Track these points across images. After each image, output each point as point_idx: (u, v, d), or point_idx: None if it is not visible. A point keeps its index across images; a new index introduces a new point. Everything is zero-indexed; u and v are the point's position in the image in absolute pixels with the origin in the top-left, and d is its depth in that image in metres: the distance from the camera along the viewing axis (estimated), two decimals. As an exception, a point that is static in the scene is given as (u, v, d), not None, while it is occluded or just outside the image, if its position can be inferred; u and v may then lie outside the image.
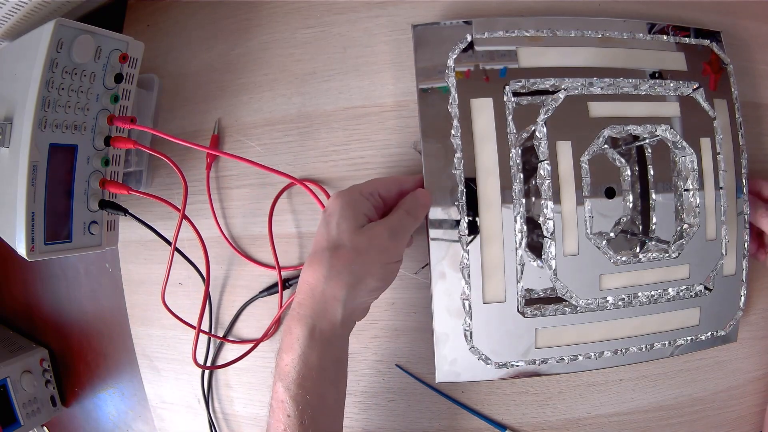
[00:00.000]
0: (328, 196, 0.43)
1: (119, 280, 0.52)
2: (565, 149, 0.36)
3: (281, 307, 0.45)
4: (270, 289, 0.46)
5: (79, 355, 0.56)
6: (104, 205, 0.41)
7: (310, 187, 0.43)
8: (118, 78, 0.40)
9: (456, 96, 0.37)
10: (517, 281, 0.37)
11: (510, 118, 0.37)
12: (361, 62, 0.45)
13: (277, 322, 0.46)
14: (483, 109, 0.37)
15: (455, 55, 0.38)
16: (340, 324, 0.31)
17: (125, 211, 0.42)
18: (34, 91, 0.35)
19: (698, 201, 0.38)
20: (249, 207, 0.47)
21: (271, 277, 0.47)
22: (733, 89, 0.40)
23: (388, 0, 0.45)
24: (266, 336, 0.46)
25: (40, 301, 0.57)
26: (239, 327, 0.48)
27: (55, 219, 0.38)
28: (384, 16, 0.45)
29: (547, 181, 0.36)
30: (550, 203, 0.36)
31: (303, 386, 0.30)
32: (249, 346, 0.45)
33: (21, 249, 0.36)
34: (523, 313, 0.37)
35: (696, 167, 0.38)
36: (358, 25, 0.45)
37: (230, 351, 0.48)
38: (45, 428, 0.58)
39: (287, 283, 0.46)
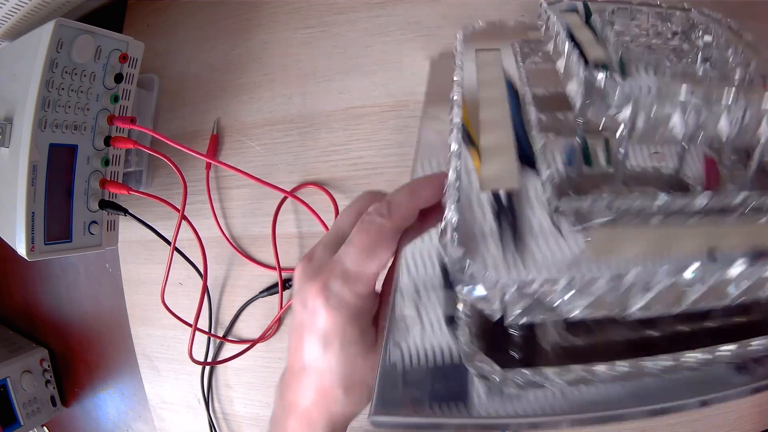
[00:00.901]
0: (330, 196, 0.43)
1: (119, 280, 0.52)
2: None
3: (281, 307, 0.45)
4: (270, 290, 0.46)
5: (79, 355, 0.56)
6: (104, 205, 0.41)
7: (304, 200, 0.43)
8: (118, 78, 0.40)
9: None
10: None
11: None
12: (361, 62, 0.45)
13: (277, 323, 0.46)
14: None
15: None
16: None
17: (125, 211, 0.42)
18: (34, 91, 0.35)
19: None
20: (249, 207, 0.47)
21: (271, 277, 0.47)
22: None
23: (388, 0, 0.44)
24: (264, 337, 0.46)
25: (40, 301, 0.57)
26: (239, 327, 0.48)
27: (55, 219, 0.38)
28: (384, 16, 0.44)
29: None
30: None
31: None
32: (248, 345, 0.45)
33: (21, 249, 0.36)
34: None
35: None
36: (358, 25, 0.45)
37: (230, 351, 0.48)
38: (45, 428, 0.58)
39: (287, 283, 0.46)
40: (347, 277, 0.22)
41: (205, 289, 0.43)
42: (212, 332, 0.48)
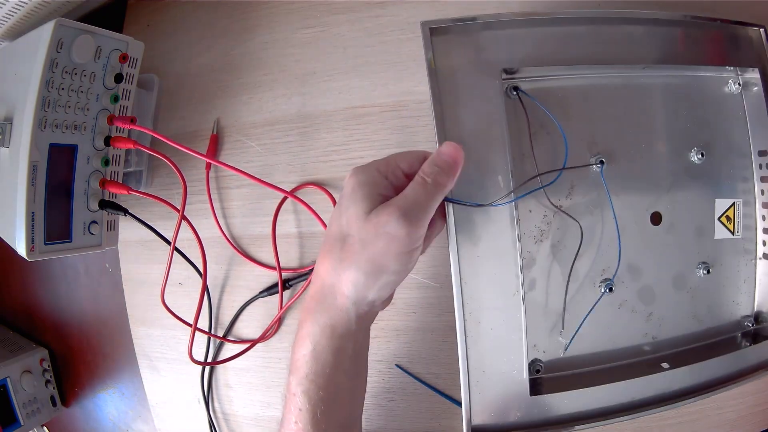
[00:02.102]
0: (330, 196, 0.43)
1: (119, 280, 0.52)
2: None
3: (281, 308, 0.45)
4: (270, 290, 0.46)
5: (79, 355, 0.56)
6: (104, 205, 0.41)
7: (304, 200, 0.43)
8: (118, 78, 0.40)
9: None
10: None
11: None
12: (361, 62, 0.45)
13: (277, 323, 0.46)
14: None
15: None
16: (355, 320, 0.29)
17: (125, 211, 0.42)
18: (34, 91, 0.35)
19: None
20: (249, 207, 0.47)
21: (271, 277, 0.47)
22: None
23: (388, 0, 0.44)
24: (264, 337, 0.46)
25: (40, 301, 0.57)
26: (239, 327, 0.48)
27: (55, 219, 0.38)
28: (384, 16, 0.44)
29: None
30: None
31: (315, 382, 0.29)
32: (247, 345, 0.45)
33: (21, 249, 0.36)
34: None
35: None
36: (358, 25, 0.45)
37: (230, 351, 0.48)
38: (45, 428, 0.58)
39: (287, 283, 0.46)
40: (378, 163, 0.29)
41: (205, 289, 0.43)
42: (212, 332, 0.48)
